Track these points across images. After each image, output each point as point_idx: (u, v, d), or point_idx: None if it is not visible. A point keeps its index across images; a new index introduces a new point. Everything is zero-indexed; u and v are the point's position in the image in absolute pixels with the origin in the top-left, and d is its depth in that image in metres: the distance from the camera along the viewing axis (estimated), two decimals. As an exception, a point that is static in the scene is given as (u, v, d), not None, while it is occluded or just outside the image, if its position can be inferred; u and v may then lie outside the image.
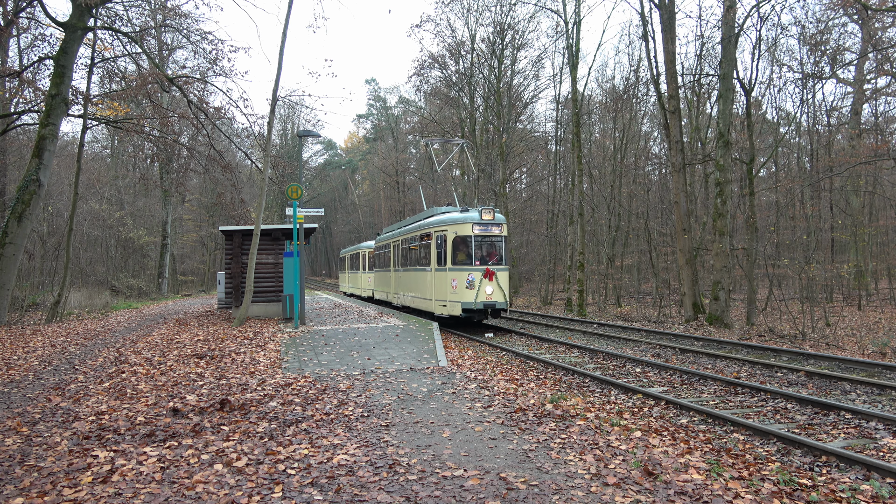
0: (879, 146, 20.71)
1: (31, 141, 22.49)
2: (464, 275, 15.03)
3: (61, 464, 4.89)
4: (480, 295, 14.91)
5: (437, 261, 15.93)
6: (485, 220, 15.27)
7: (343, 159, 77.94)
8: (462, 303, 14.91)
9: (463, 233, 15.26)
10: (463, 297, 14.97)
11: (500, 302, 15.12)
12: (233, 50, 24.48)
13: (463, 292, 14.99)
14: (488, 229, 15.31)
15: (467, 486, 4.26)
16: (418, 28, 40.52)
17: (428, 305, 16.76)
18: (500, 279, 15.17)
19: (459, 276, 15.07)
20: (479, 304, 14.85)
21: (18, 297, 19.49)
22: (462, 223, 15.30)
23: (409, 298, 19.02)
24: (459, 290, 15.02)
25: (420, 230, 17.62)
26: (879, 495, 4.28)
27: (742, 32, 18.56)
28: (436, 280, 16.04)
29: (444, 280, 15.46)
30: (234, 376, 8.61)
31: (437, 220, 16.42)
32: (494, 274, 15.10)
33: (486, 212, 15.35)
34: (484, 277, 14.93)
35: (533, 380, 9.11)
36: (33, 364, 10.31)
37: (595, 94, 35.94)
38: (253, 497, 4.12)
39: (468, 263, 15.16)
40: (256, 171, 29.14)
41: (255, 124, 44.17)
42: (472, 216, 15.28)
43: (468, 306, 14.89)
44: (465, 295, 14.96)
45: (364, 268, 29.60)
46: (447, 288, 15.30)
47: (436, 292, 16.06)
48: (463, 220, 15.33)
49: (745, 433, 6.23)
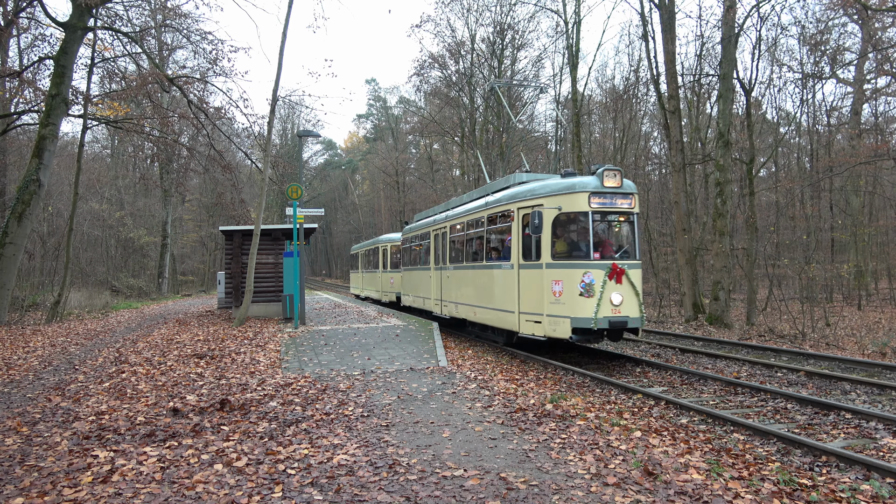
0: (879, 146, 20.73)
1: (31, 141, 22.50)
2: (574, 274, 9.73)
3: (61, 464, 4.89)
4: (604, 306, 9.55)
5: (522, 253, 10.81)
6: (608, 187, 9.91)
7: (343, 159, 77.94)
8: (572, 318, 9.61)
9: (572, 207, 9.94)
10: (574, 308, 9.65)
11: (633, 317, 9.73)
12: (233, 50, 24.60)
13: (574, 302, 9.68)
14: (613, 202, 9.99)
15: (467, 486, 4.26)
16: (418, 28, 40.56)
17: (505, 320, 11.45)
18: (634, 280, 9.85)
19: (568, 277, 9.78)
20: (601, 320, 9.49)
21: (18, 297, 19.50)
22: (569, 193, 9.98)
23: (466, 309, 13.56)
24: (568, 297, 9.74)
25: (488, 209, 12.32)
26: (879, 495, 4.28)
27: (742, 32, 18.56)
28: (522, 283, 10.83)
29: (538, 283, 10.32)
30: (234, 376, 8.61)
31: (523, 190, 11.04)
32: (625, 273, 9.71)
33: (609, 175, 9.95)
34: (608, 278, 9.61)
35: (533, 380, 9.11)
36: (33, 364, 10.31)
37: (595, 94, 35.96)
38: (253, 497, 4.12)
39: (582, 256, 9.89)
40: (256, 171, 29.15)
41: (255, 124, 44.27)
42: (587, 182, 9.98)
43: (583, 324, 9.54)
44: (578, 306, 9.64)
45: (385, 266, 24.76)
46: (543, 295, 10.15)
47: (522, 301, 10.82)
48: (571, 187, 10.00)
49: (745, 433, 6.23)
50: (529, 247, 10.61)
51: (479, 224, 12.85)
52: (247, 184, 37.68)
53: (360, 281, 30.70)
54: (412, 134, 50.48)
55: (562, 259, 10.03)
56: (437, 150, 48.32)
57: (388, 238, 25.10)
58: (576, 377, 9.66)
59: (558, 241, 10.22)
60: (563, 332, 9.77)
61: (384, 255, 24.90)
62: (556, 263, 10.03)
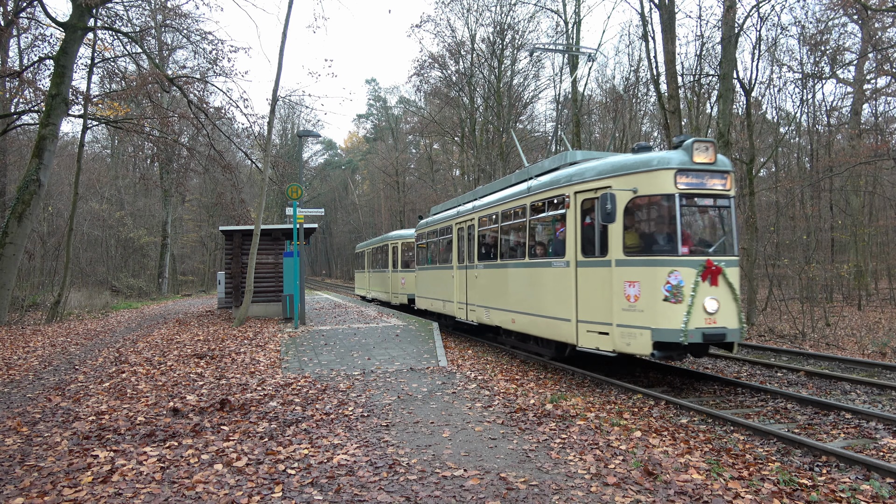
0: (879, 146, 20.72)
1: (31, 141, 22.50)
2: (656, 274, 7.68)
3: (61, 464, 4.90)
4: (696, 314, 7.53)
5: (581, 247, 8.73)
6: (699, 163, 7.85)
7: (343, 159, 77.95)
8: (654, 329, 7.60)
9: (652, 189, 7.92)
10: (656, 317, 7.62)
11: (731, 328, 7.70)
12: (233, 50, 24.62)
13: (656, 308, 7.64)
14: (705, 182, 7.93)
15: (467, 486, 4.26)
16: (418, 28, 40.49)
17: (557, 330, 9.34)
18: (732, 281, 7.80)
19: (647, 277, 7.75)
20: (693, 332, 7.46)
21: (18, 297, 19.50)
22: (649, 171, 7.92)
23: (500, 314, 11.51)
24: (647, 303, 7.72)
25: (532, 195, 10.16)
26: (879, 495, 4.28)
27: (742, 32, 18.57)
28: (581, 284, 8.71)
29: (604, 284, 8.25)
30: (234, 376, 8.61)
31: (582, 170, 8.87)
32: (721, 272, 7.70)
33: (700, 148, 7.88)
34: (701, 279, 7.59)
35: (533, 380, 9.11)
36: (33, 364, 10.31)
37: (595, 94, 35.96)
38: (253, 497, 4.12)
39: (666, 251, 7.82)
40: (256, 171, 29.16)
41: (255, 124, 44.28)
42: (672, 157, 7.88)
43: (668, 336, 7.53)
44: (662, 314, 7.60)
45: (395, 265, 22.72)
46: (612, 299, 8.11)
47: (581, 307, 8.71)
48: (649, 163, 7.96)
49: (745, 433, 6.23)
50: (591, 239, 8.55)
51: (518, 214, 10.82)
52: (247, 184, 37.69)
53: (367, 281, 28.78)
54: (412, 134, 50.48)
55: (638, 254, 7.98)
56: (437, 150, 48.32)
57: (398, 235, 23.24)
58: (576, 377, 9.66)
59: (632, 233, 8.19)
60: (641, 346, 7.75)
61: (394, 254, 22.91)
62: (630, 260, 7.96)
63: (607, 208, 7.76)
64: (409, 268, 21.84)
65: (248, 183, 40.06)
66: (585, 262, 8.68)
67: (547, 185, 9.77)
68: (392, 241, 23.07)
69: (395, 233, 24.22)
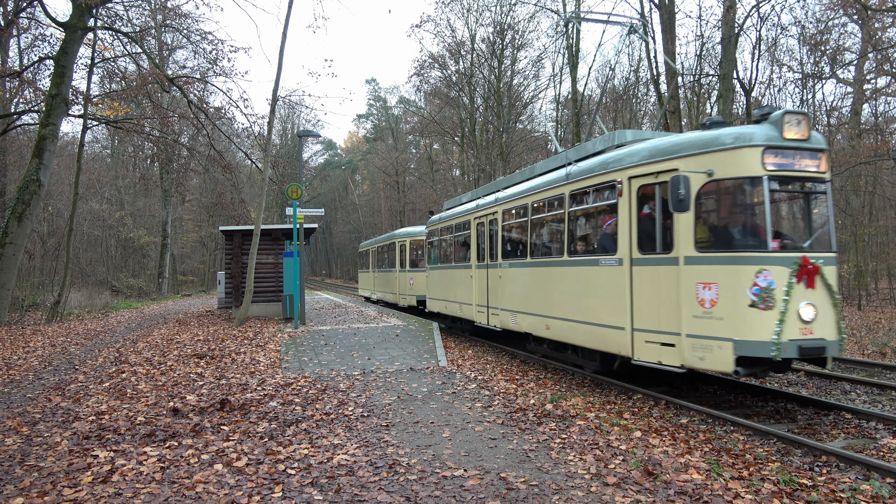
0: (879, 146, 20.71)
1: (31, 141, 22.52)
2: (740, 274, 6.27)
3: (61, 464, 4.90)
4: (790, 322, 6.14)
5: (637, 242, 7.38)
6: (791, 139, 6.45)
7: (343, 159, 77.98)
8: (737, 341, 6.18)
9: (732, 171, 6.53)
10: (740, 326, 6.21)
11: (830, 339, 6.29)
12: (233, 50, 24.66)
13: (740, 315, 6.24)
14: (797, 163, 6.50)
15: (467, 486, 4.26)
16: (418, 28, 40.55)
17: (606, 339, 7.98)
18: (831, 282, 6.42)
19: (728, 278, 6.35)
20: (787, 344, 6.09)
21: (18, 297, 19.50)
22: (727, 149, 6.52)
23: (532, 320, 10.19)
24: (728, 309, 6.31)
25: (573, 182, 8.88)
26: (879, 495, 4.28)
27: (742, 32, 18.58)
28: (637, 285, 7.36)
29: (670, 286, 6.88)
30: (234, 376, 8.62)
31: (636, 151, 7.56)
32: (819, 272, 6.31)
33: (792, 121, 6.48)
34: (796, 280, 6.21)
35: (533, 380, 9.11)
36: (33, 364, 10.31)
37: (595, 94, 35.97)
38: (253, 497, 4.12)
39: (751, 246, 6.45)
40: (256, 171, 29.17)
41: (255, 124, 44.34)
42: (757, 132, 6.44)
43: (757, 350, 6.15)
44: (748, 322, 6.19)
45: (403, 264, 21.44)
46: (680, 304, 6.72)
47: (638, 313, 7.35)
48: (728, 140, 6.55)
49: (745, 433, 6.23)
50: (650, 233, 7.24)
51: (554, 205, 9.52)
52: (247, 184, 37.71)
53: (371, 282, 27.50)
54: (412, 134, 50.50)
55: (714, 250, 6.58)
56: (437, 150, 48.32)
57: (406, 232, 22.00)
58: (576, 377, 9.66)
59: (705, 224, 6.88)
60: (720, 361, 6.28)
61: (402, 252, 21.50)
62: (705, 257, 6.54)
63: (680, 194, 6.40)
64: (417, 267, 20.71)
65: (248, 183, 40.08)
66: (643, 259, 7.33)
67: (591, 171, 8.43)
68: (399, 239, 21.83)
69: (402, 230, 23.01)
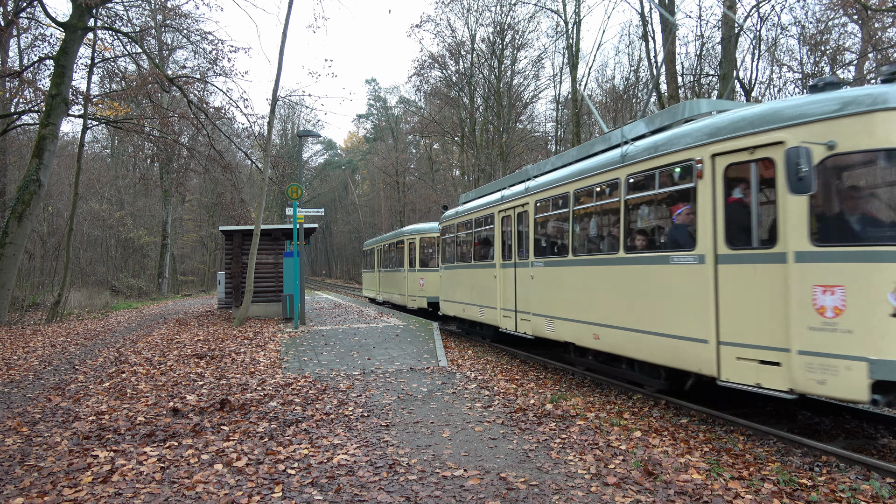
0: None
1: (31, 141, 22.52)
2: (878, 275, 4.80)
3: (61, 464, 4.90)
4: None
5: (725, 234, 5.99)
6: None
7: (343, 159, 77.99)
8: (873, 361, 4.72)
9: (864, 142, 4.99)
10: (876, 342, 4.75)
11: None
12: (233, 50, 24.68)
13: (877, 328, 4.76)
14: None
15: (467, 486, 4.26)
16: (418, 28, 40.50)
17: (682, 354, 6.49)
18: None
19: (857, 280, 4.87)
20: None
21: (18, 297, 19.50)
22: (855, 114, 4.97)
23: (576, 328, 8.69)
24: (859, 320, 4.83)
25: (629, 164, 7.40)
26: (879, 495, 4.28)
27: (742, 32, 18.57)
28: (724, 288, 5.92)
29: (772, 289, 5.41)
30: (234, 376, 8.62)
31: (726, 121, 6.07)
32: None
33: None
34: None
35: (533, 380, 9.10)
36: (33, 364, 10.31)
37: (595, 94, 35.96)
38: (253, 497, 4.12)
39: (892, 237, 4.91)
40: (256, 171, 29.17)
41: (255, 124, 44.35)
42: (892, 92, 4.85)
43: None
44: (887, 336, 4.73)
45: (412, 264, 20.11)
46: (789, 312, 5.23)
47: (726, 322, 5.89)
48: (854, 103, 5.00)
49: (745, 433, 6.23)
50: (744, 222, 5.83)
51: (605, 192, 8.05)
52: (247, 184, 37.71)
53: (377, 282, 26.00)
54: (412, 134, 50.50)
55: (838, 244, 5.09)
56: (437, 150, 48.32)
57: (415, 229, 20.57)
58: (576, 377, 9.65)
59: (824, 211, 5.33)
60: (849, 386, 4.88)
61: (411, 251, 20.10)
62: (824, 252, 5.10)
63: (801, 170, 5.03)
64: (427, 267, 19.44)
65: (248, 183, 40.08)
66: (733, 255, 5.89)
67: (657, 149, 6.94)
68: (408, 237, 20.38)
69: (411, 227, 21.59)
